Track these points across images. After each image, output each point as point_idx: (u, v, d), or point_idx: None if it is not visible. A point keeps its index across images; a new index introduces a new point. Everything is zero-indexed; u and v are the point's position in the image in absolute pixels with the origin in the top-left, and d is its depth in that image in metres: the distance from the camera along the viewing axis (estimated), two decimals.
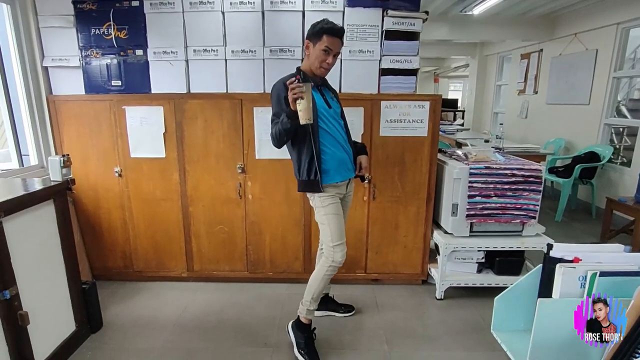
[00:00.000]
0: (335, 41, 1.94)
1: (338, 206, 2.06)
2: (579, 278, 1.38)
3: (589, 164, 4.55)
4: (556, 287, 1.40)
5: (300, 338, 2.14)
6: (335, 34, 1.93)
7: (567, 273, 1.38)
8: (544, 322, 1.36)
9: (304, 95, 1.74)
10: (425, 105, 2.61)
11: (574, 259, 1.43)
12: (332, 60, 1.98)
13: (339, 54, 2.02)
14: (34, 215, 1.93)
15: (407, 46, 2.61)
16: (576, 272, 1.38)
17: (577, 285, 1.39)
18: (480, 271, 2.76)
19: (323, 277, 2.07)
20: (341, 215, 2.08)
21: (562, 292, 1.39)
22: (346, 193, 2.17)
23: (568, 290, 1.38)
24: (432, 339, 2.30)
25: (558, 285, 1.39)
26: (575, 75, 5.36)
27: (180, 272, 2.90)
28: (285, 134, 1.88)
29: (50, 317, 2.03)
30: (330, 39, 1.92)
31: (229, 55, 2.59)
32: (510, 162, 2.67)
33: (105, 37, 2.59)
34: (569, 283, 1.38)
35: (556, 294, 1.40)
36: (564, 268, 1.38)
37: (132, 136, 2.67)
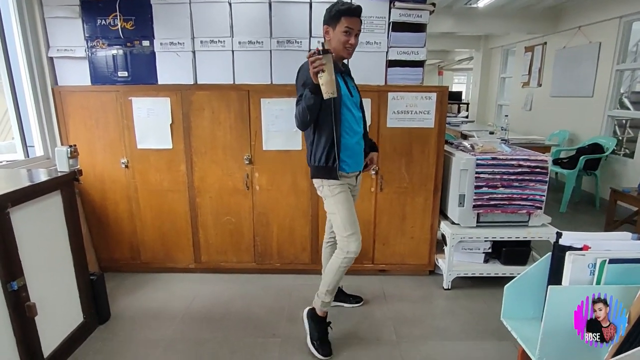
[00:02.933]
0: (354, 20, 1.89)
1: (348, 195, 2.04)
2: (588, 265, 1.38)
3: (592, 156, 4.56)
4: (566, 274, 1.40)
5: (314, 330, 2.12)
6: (353, 13, 1.88)
7: (577, 260, 1.38)
8: (555, 308, 1.35)
9: (325, 67, 1.66)
10: (432, 97, 2.61)
11: (583, 247, 1.43)
12: (355, 41, 1.93)
13: (360, 32, 1.95)
14: (41, 206, 1.92)
15: (414, 38, 2.60)
16: (586, 260, 1.38)
17: (586, 273, 1.38)
18: (487, 261, 2.77)
19: (338, 269, 2.03)
20: (352, 203, 2.06)
21: (572, 279, 1.38)
22: (355, 185, 2.15)
23: (578, 277, 1.38)
24: (440, 329, 2.32)
25: (568, 273, 1.39)
26: (578, 68, 5.36)
27: (188, 264, 2.91)
28: (310, 112, 1.79)
29: (58, 308, 2.03)
30: (349, 20, 1.87)
31: (236, 47, 2.58)
32: (517, 153, 2.68)
33: (112, 28, 2.57)
34: (578, 270, 1.38)
35: (566, 281, 1.40)
36: (573, 255, 1.38)
37: (138, 127, 2.66)
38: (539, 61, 6.34)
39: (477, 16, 5.94)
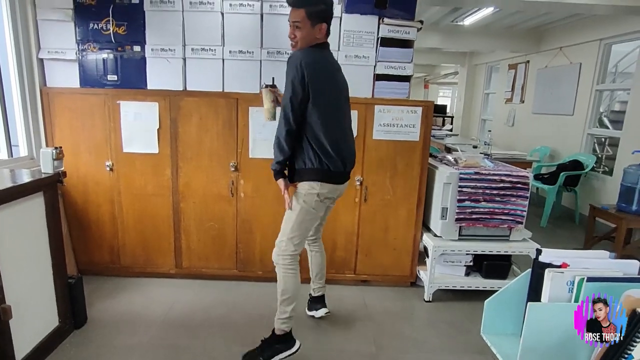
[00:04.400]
0: (291, 11, 1.84)
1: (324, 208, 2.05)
2: (567, 283, 1.42)
3: (573, 172, 4.69)
4: (545, 291, 1.44)
5: (262, 350, 2.02)
6: (290, 3, 1.85)
7: (556, 278, 1.42)
8: (534, 325, 1.39)
9: (263, 99, 2.09)
10: (417, 111, 2.67)
11: (562, 264, 1.47)
12: (290, 31, 1.87)
13: (299, 24, 1.83)
14: (23, 207, 1.90)
15: (402, 53, 2.66)
16: (564, 277, 1.42)
17: (565, 290, 1.42)
18: (468, 274, 2.82)
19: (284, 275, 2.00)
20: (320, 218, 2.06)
21: (551, 297, 1.42)
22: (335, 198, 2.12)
23: (556, 294, 1.42)
24: (420, 342, 2.34)
25: (547, 290, 1.43)
26: (560, 87, 5.53)
27: (169, 269, 2.88)
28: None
29: (33, 311, 1.99)
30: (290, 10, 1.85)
31: (227, 55, 2.61)
32: (499, 168, 2.74)
33: (104, 32, 2.58)
34: (557, 288, 1.42)
35: (545, 298, 1.44)
36: (552, 273, 1.42)
37: (125, 131, 2.65)
38: (522, 79, 6.52)
39: (463, 33, 6.12)
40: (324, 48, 1.93)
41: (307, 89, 1.80)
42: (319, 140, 1.88)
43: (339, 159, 1.96)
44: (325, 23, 1.86)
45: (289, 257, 2.00)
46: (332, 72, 1.95)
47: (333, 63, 1.99)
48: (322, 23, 1.85)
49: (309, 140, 1.89)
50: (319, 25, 1.84)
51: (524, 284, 1.64)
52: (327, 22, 1.87)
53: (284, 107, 1.85)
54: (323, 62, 1.90)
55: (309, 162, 1.92)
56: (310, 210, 1.99)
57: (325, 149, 1.90)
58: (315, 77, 1.81)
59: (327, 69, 1.92)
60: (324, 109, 1.87)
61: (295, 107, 1.82)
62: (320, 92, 1.84)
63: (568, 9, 4.03)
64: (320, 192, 1.95)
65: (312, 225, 2.12)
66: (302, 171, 1.96)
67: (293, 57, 1.83)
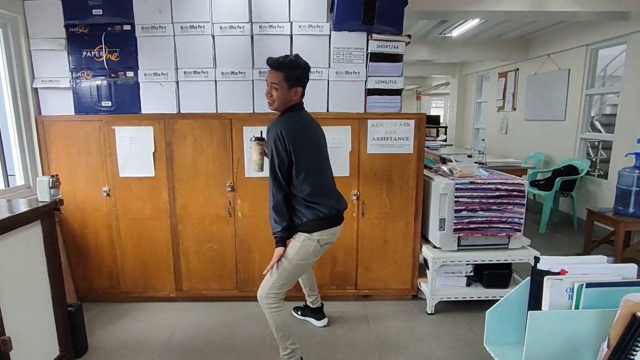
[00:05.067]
0: (269, 72, 1.94)
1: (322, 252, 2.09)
2: (566, 290, 1.43)
3: (568, 177, 4.71)
4: (545, 299, 1.44)
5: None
6: (269, 64, 1.94)
7: (555, 285, 1.42)
8: (536, 334, 1.39)
9: (252, 151, 2.19)
10: (410, 124, 2.70)
11: (560, 271, 1.48)
12: (267, 90, 1.95)
13: (276, 86, 1.92)
14: (21, 237, 1.90)
15: (392, 67, 2.71)
16: (563, 284, 1.43)
17: (565, 297, 1.43)
18: (469, 285, 2.81)
19: (272, 316, 2.01)
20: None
21: (551, 304, 1.42)
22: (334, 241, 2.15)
23: (556, 301, 1.42)
24: (424, 355, 2.32)
25: (547, 297, 1.43)
26: (550, 93, 5.59)
27: (169, 292, 2.86)
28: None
29: (33, 342, 1.97)
30: (269, 71, 1.95)
31: (219, 77, 2.64)
32: (494, 176, 2.76)
33: (97, 60, 2.62)
34: (557, 295, 1.42)
35: (545, 305, 1.44)
36: (551, 280, 1.43)
37: (121, 156, 2.67)
38: (512, 86, 6.60)
39: (452, 45, 6.22)
40: (298, 109, 2.02)
41: (290, 155, 1.89)
42: (310, 195, 1.95)
43: (333, 200, 2.05)
44: (301, 87, 1.96)
45: (273, 297, 2.00)
46: (309, 131, 2.04)
47: (309, 121, 2.07)
48: (298, 87, 1.94)
49: (300, 198, 1.96)
50: (294, 88, 1.93)
51: (524, 292, 1.65)
52: (303, 86, 1.97)
53: (273, 176, 1.92)
54: (300, 125, 1.99)
55: (304, 218, 1.98)
56: (306, 259, 2.03)
57: (317, 200, 1.97)
58: (296, 142, 1.90)
59: (306, 130, 2.02)
60: (309, 166, 1.96)
61: (284, 173, 1.91)
62: (304, 154, 1.93)
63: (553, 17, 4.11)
64: (321, 239, 2.00)
65: (304, 271, 2.19)
66: (299, 226, 2.00)
67: (273, 127, 1.92)
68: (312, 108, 2.63)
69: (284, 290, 2.02)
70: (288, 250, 2.01)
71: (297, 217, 1.99)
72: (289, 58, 1.92)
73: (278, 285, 1.99)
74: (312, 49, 2.63)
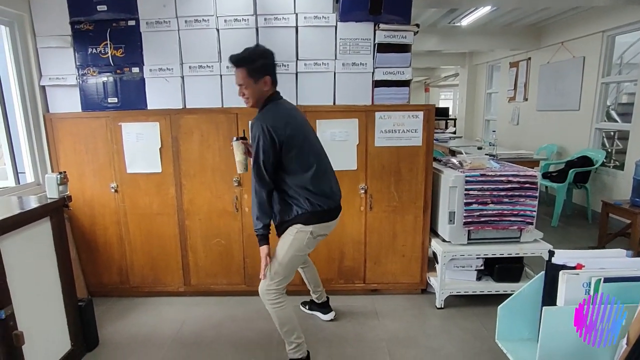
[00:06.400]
0: (235, 72, 1.89)
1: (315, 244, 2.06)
2: (583, 285, 1.38)
3: (582, 169, 4.59)
4: (560, 294, 1.39)
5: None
6: (231, 62, 1.88)
7: (571, 280, 1.37)
8: (550, 330, 1.35)
9: (235, 151, 2.08)
10: (419, 115, 2.65)
11: (576, 265, 1.43)
12: (239, 91, 1.92)
13: (242, 83, 1.89)
14: (31, 233, 1.92)
15: (399, 58, 2.65)
16: (580, 279, 1.37)
17: (581, 292, 1.38)
18: (479, 279, 2.76)
19: (274, 310, 2.00)
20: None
21: (567, 299, 1.38)
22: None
23: (572, 297, 1.37)
24: (434, 350, 2.29)
25: (562, 293, 1.38)
26: (564, 82, 5.45)
27: (177, 287, 2.88)
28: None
29: (45, 336, 2.00)
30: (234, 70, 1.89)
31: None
32: (505, 168, 2.70)
33: (102, 56, 2.61)
34: (573, 290, 1.37)
35: (560, 301, 1.39)
36: (567, 275, 1.38)
37: (128, 152, 2.67)
38: (524, 76, 6.45)
39: (461, 34, 6.08)
40: (275, 99, 1.96)
41: (278, 148, 1.84)
42: (306, 185, 1.91)
43: (330, 194, 2.00)
44: (268, 75, 1.90)
45: (274, 292, 1.98)
46: (296, 120, 1.97)
47: (290, 109, 2.02)
48: (264, 76, 1.88)
49: (296, 189, 1.91)
50: (262, 79, 1.88)
51: (538, 287, 1.60)
52: (270, 74, 1.91)
53: (257, 172, 1.87)
54: (285, 115, 1.93)
55: (300, 209, 1.94)
56: (300, 251, 2.00)
57: (314, 191, 1.92)
58: (284, 133, 1.84)
59: (293, 119, 1.95)
60: (303, 155, 1.91)
61: (269, 169, 1.86)
62: (295, 144, 1.88)
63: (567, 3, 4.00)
64: (314, 231, 1.97)
65: (300, 263, 2.14)
66: (295, 219, 1.96)
67: (256, 121, 1.86)
68: (318, 101, 2.64)
69: (284, 285, 2.01)
70: (281, 244, 1.99)
71: (293, 208, 1.94)
72: (248, 50, 1.88)
73: (277, 280, 1.97)
74: (318, 40, 2.59)
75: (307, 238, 1.96)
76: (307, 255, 2.11)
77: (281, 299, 1.99)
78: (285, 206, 1.97)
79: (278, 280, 1.97)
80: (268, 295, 1.98)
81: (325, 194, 1.97)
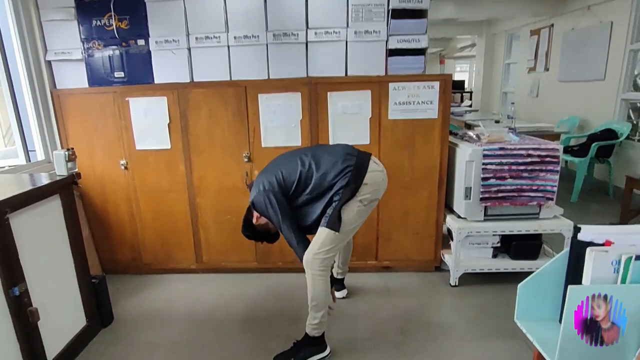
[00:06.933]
0: None
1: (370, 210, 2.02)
2: (612, 263, 1.30)
3: (605, 142, 4.41)
4: (587, 272, 1.31)
5: (295, 352, 1.99)
6: None
7: (599, 257, 1.28)
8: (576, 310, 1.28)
9: None
10: (434, 86, 2.52)
11: (605, 242, 1.34)
12: None
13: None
14: (41, 211, 1.91)
15: (415, 25, 2.51)
16: (609, 257, 1.28)
17: (610, 271, 1.29)
18: (495, 256, 2.69)
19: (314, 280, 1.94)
20: None
21: (594, 278, 1.30)
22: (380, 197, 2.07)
23: (600, 275, 1.29)
24: (448, 328, 2.25)
25: (589, 271, 1.30)
26: (589, 50, 5.19)
27: (189, 264, 2.88)
28: None
29: (60, 312, 2.03)
30: None
31: (232, 42, 2.52)
32: (525, 142, 2.58)
33: (107, 29, 2.54)
34: (600, 268, 1.29)
35: (587, 280, 1.31)
36: (595, 252, 1.29)
37: (136, 128, 2.63)
38: (546, 45, 6.16)
39: (479, 1, 5.78)
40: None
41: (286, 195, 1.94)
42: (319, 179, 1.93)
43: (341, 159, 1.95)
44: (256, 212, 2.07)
45: (319, 261, 1.92)
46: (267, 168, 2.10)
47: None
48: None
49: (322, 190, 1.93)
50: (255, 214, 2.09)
51: (561, 265, 1.52)
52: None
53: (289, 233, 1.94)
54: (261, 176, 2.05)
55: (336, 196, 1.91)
56: (352, 223, 1.96)
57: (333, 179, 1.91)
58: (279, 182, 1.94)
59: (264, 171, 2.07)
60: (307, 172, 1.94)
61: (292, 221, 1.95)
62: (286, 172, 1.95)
63: None
64: (363, 198, 1.91)
65: (352, 233, 2.06)
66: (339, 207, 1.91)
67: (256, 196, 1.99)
68: (329, 72, 2.54)
69: (331, 256, 1.94)
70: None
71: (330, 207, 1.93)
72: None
73: (325, 250, 1.90)
74: (328, 7, 2.46)
75: (357, 207, 1.92)
76: (357, 228, 2.04)
77: (325, 271, 1.93)
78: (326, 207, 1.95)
79: (326, 249, 1.91)
80: (313, 264, 1.91)
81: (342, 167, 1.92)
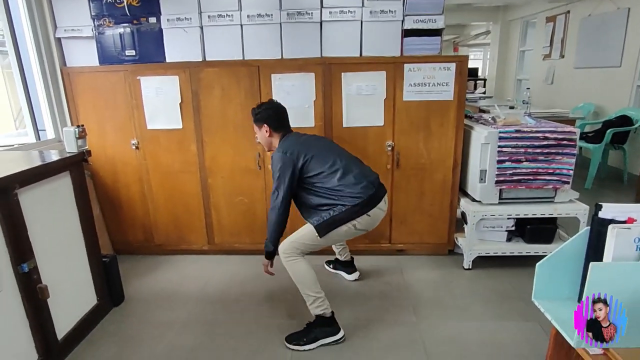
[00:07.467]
0: None
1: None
2: (634, 240, 1.27)
3: (621, 129, 4.33)
4: (608, 250, 1.28)
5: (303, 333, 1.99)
6: None
7: (621, 235, 1.26)
8: (597, 287, 1.25)
9: None
10: (451, 67, 2.47)
11: (627, 220, 1.31)
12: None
13: (255, 131, 2.16)
14: (50, 187, 1.90)
15: (431, 4, 2.45)
16: (632, 234, 1.26)
17: (632, 248, 1.26)
18: (509, 240, 2.65)
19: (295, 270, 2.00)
20: None
21: (615, 256, 1.27)
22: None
23: (622, 253, 1.26)
24: (461, 310, 2.24)
25: (611, 248, 1.27)
26: (605, 37, 5.08)
27: (201, 246, 2.88)
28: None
29: (70, 290, 2.02)
30: None
31: (245, 20, 2.47)
32: (542, 125, 2.53)
33: (118, 5, 2.50)
34: (623, 245, 1.26)
35: (608, 257, 1.29)
36: (617, 229, 1.26)
37: (148, 107, 2.61)
38: (562, 31, 6.03)
39: None
40: (287, 134, 2.11)
41: (299, 168, 1.96)
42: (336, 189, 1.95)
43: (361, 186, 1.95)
44: (265, 124, 2.07)
45: (291, 249, 2.00)
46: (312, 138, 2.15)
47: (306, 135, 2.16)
48: (262, 124, 2.08)
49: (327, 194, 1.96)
50: (262, 127, 2.09)
51: (581, 244, 1.48)
52: (267, 123, 2.07)
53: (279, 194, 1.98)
54: (299, 139, 2.08)
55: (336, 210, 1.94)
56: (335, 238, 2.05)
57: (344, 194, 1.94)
58: (303, 151, 1.98)
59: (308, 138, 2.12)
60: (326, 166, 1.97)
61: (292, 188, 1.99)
62: (317, 159, 1.98)
63: None
64: (357, 224, 1.96)
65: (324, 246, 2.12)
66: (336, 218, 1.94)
67: (275, 153, 2.02)
68: (343, 52, 2.49)
69: (302, 250, 2.00)
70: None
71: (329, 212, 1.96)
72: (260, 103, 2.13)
73: (301, 242, 1.99)
74: None
75: (347, 228, 1.96)
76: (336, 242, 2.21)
77: (296, 255, 1.99)
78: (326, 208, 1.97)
79: (300, 250, 2.00)
80: (286, 249, 2.00)
81: (358, 191, 1.94)
